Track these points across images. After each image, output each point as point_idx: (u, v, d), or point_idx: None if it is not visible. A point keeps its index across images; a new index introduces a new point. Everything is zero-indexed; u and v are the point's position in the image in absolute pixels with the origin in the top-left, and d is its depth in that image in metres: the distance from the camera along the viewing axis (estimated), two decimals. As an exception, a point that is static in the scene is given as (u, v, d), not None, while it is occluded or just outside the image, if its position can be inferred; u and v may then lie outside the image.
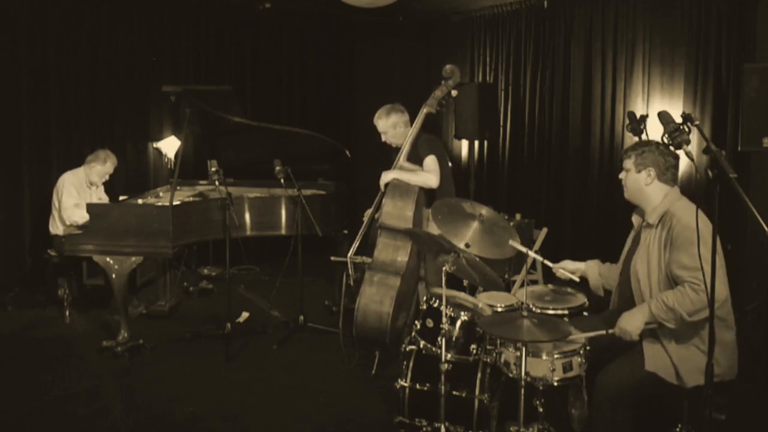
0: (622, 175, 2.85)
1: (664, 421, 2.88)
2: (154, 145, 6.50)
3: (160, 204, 4.51)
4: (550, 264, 3.18)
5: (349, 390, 3.86)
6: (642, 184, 2.77)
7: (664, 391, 2.69)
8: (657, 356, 2.66)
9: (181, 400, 3.72)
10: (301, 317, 4.76)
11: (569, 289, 3.29)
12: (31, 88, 5.70)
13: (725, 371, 2.65)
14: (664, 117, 2.41)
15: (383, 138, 4.24)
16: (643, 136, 4.28)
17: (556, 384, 2.72)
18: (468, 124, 5.77)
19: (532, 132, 6.51)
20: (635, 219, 2.99)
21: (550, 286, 3.42)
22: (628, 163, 2.79)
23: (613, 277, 3.06)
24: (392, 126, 4.18)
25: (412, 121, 4.20)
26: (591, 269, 3.11)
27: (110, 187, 5.47)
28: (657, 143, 2.75)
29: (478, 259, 2.94)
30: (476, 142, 6.72)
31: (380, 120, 4.21)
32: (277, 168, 4.58)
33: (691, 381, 2.61)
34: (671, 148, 2.47)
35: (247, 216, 4.90)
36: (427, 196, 4.02)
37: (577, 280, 3.12)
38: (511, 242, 3.11)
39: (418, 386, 3.10)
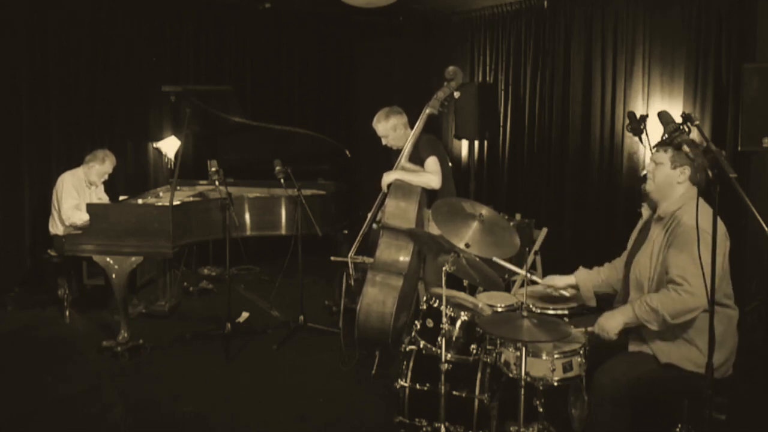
0: (650, 167, 2.78)
1: (664, 421, 2.88)
2: (154, 145, 6.51)
3: (160, 204, 4.52)
4: (539, 281, 3.16)
5: (349, 390, 3.86)
6: (674, 181, 2.71)
7: (658, 389, 2.70)
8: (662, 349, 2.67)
9: (181, 400, 3.72)
10: (301, 317, 4.76)
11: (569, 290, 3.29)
12: (31, 88, 5.69)
13: (722, 368, 2.65)
14: (664, 117, 2.41)
15: (384, 142, 4.24)
16: (643, 136, 4.28)
17: (556, 384, 2.72)
18: (468, 124, 5.77)
19: (532, 132, 6.50)
20: (645, 211, 2.97)
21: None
22: (663, 157, 2.72)
23: (604, 279, 3.05)
24: (392, 128, 4.17)
25: (411, 122, 4.20)
26: (582, 280, 3.09)
27: (110, 187, 5.47)
28: (695, 143, 2.71)
29: (478, 259, 2.94)
30: (476, 142, 6.72)
31: (379, 123, 4.20)
32: (277, 168, 4.58)
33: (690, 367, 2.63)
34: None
35: (247, 216, 4.90)
36: (428, 197, 4.03)
37: (568, 294, 3.12)
38: (495, 259, 3.10)
39: (418, 386, 3.10)
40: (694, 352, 2.61)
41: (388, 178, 4.05)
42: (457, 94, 4.22)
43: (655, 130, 3.10)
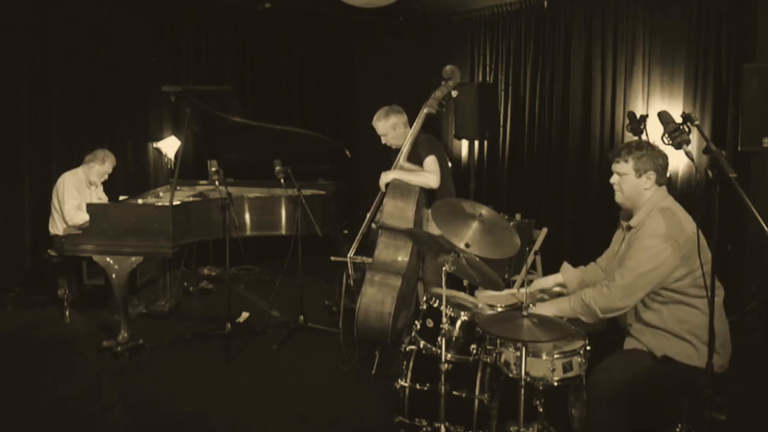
0: (615, 179, 2.77)
1: (664, 421, 2.88)
2: (154, 145, 6.51)
3: (160, 204, 4.52)
4: (524, 292, 3.15)
5: (349, 390, 3.86)
6: (641, 189, 2.71)
7: (655, 386, 2.70)
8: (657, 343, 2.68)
9: (181, 400, 3.72)
10: (301, 317, 4.76)
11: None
12: (31, 88, 5.70)
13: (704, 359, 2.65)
14: (664, 117, 2.41)
15: (383, 140, 4.25)
16: (643, 136, 4.28)
17: (556, 384, 2.72)
18: (468, 124, 5.77)
19: (532, 132, 6.51)
20: (623, 220, 2.98)
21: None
22: (625, 167, 2.72)
23: (593, 280, 3.06)
24: (392, 127, 4.18)
25: (410, 121, 4.21)
26: (568, 279, 3.11)
27: (110, 187, 5.47)
28: (648, 144, 2.74)
29: (478, 259, 2.94)
30: (476, 142, 6.72)
31: (379, 122, 4.20)
32: (277, 168, 4.58)
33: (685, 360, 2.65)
34: (659, 146, 2.50)
35: (247, 216, 4.90)
36: (427, 197, 4.03)
37: (557, 290, 3.12)
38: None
39: (418, 386, 3.10)
40: (687, 347, 2.62)
41: (386, 177, 4.05)
42: (454, 93, 4.22)
43: (655, 130, 3.10)
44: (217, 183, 4.41)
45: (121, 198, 5.01)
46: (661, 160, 2.70)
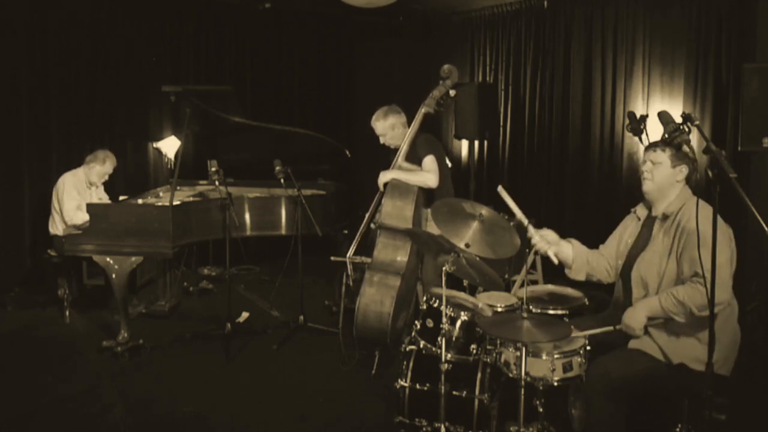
0: (647, 168, 2.80)
1: (664, 421, 2.88)
2: (154, 145, 6.51)
3: (160, 204, 4.52)
4: (532, 230, 3.14)
5: (349, 390, 3.86)
6: (674, 180, 2.75)
7: (654, 386, 2.70)
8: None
9: (181, 400, 3.72)
10: (301, 317, 4.76)
11: (569, 290, 3.30)
12: (31, 88, 5.69)
13: (719, 363, 2.64)
14: (664, 117, 2.41)
15: (381, 140, 4.25)
16: (643, 136, 4.27)
17: (556, 384, 2.72)
18: (468, 124, 5.77)
19: (532, 132, 6.50)
20: (641, 211, 2.97)
21: (550, 286, 3.43)
22: (662, 156, 2.75)
23: (599, 267, 3.05)
24: (390, 127, 4.18)
25: (409, 121, 4.20)
26: (579, 254, 3.10)
27: (110, 187, 5.47)
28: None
29: (478, 259, 2.94)
30: (476, 142, 6.71)
31: (378, 122, 4.20)
32: (277, 168, 4.58)
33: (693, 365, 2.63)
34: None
35: (247, 216, 4.90)
36: (426, 196, 4.02)
37: (555, 261, 3.10)
38: (500, 189, 3.04)
39: (418, 386, 3.10)
40: (700, 349, 2.60)
41: (384, 177, 4.04)
42: (452, 93, 4.22)
43: (655, 130, 3.09)
44: (217, 183, 4.41)
45: (121, 198, 5.01)
46: (693, 155, 2.70)
